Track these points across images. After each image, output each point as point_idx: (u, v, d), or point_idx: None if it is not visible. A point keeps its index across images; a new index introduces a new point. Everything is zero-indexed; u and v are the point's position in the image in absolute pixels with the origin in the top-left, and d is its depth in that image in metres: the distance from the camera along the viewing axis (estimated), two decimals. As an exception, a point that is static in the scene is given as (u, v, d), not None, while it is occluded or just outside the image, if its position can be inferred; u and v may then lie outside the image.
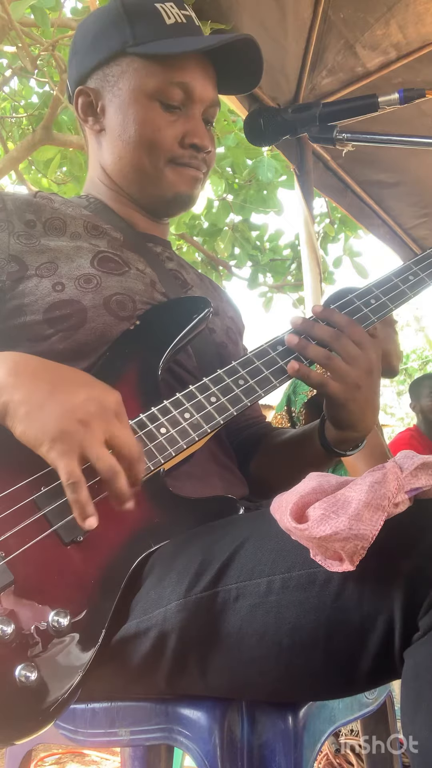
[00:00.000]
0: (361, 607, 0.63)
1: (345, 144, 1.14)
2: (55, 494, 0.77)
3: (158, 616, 0.73)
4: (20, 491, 0.76)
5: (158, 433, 0.84)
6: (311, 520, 0.62)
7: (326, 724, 0.80)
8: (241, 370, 0.91)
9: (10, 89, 4.72)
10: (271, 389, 0.92)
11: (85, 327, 0.92)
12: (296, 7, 2.38)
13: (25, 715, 0.66)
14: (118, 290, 0.96)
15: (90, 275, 0.96)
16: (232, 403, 0.88)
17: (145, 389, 0.89)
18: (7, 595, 0.70)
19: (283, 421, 2.12)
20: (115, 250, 1.02)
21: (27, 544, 0.73)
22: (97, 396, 0.75)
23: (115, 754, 2.50)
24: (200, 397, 0.87)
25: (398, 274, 1.03)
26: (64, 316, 0.92)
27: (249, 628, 0.68)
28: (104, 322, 0.93)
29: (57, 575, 0.74)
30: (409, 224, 3.77)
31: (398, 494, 0.62)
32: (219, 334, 1.11)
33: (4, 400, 0.74)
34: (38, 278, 0.94)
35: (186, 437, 0.84)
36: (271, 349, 0.93)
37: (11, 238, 0.95)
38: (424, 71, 2.69)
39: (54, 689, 0.68)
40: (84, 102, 1.08)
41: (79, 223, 1.02)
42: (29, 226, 0.98)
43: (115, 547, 0.78)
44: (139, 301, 0.97)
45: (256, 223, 5.26)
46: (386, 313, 0.99)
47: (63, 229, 1.00)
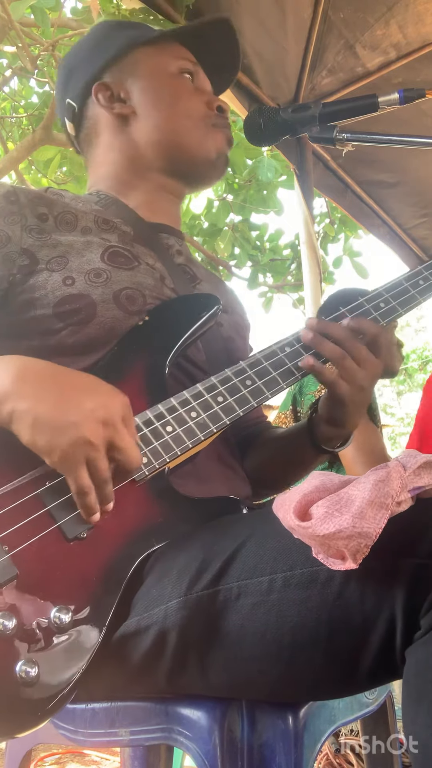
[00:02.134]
0: (363, 605, 0.63)
1: (345, 144, 1.13)
2: (59, 490, 0.77)
3: (159, 614, 0.73)
4: (25, 486, 0.76)
5: (164, 431, 0.84)
6: (314, 518, 0.62)
7: (326, 724, 0.80)
8: (249, 370, 0.91)
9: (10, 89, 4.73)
10: (278, 391, 0.92)
11: (95, 321, 0.92)
12: (296, 7, 2.39)
13: (24, 709, 0.66)
14: (128, 285, 0.96)
15: (100, 270, 0.96)
16: (239, 403, 0.88)
17: (152, 385, 0.88)
18: (9, 590, 0.70)
19: (287, 421, 2.12)
20: (125, 245, 1.02)
21: (31, 539, 0.74)
22: (103, 403, 0.76)
23: (115, 754, 2.50)
24: (207, 396, 0.87)
25: (409, 279, 1.03)
26: (73, 311, 0.92)
27: (250, 626, 0.68)
28: (113, 317, 0.93)
29: (60, 571, 0.74)
30: (409, 224, 3.77)
31: (401, 493, 0.62)
32: (227, 329, 1.11)
33: (10, 409, 0.74)
34: (49, 272, 0.94)
35: (192, 437, 0.84)
36: (280, 350, 0.93)
37: (23, 231, 0.95)
38: (424, 71, 2.69)
39: (54, 685, 0.68)
40: (105, 95, 1.12)
41: (90, 218, 1.03)
42: (41, 219, 0.98)
43: (118, 545, 0.78)
44: (149, 295, 0.98)
45: (256, 223, 5.26)
46: (395, 317, 1.00)
47: (74, 224, 1.00)
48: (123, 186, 1.12)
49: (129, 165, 1.12)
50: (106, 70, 1.13)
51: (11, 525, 0.73)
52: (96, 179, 1.16)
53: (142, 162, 1.12)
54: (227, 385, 0.89)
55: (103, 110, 1.12)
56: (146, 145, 1.11)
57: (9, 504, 0.75)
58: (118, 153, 1.13)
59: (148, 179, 1.13)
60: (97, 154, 1.16)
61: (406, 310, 1.01)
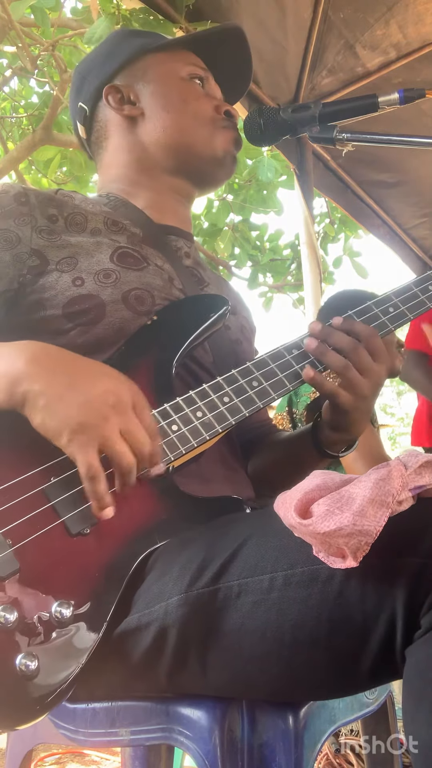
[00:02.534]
0: (364, 604, 0.63)
1: (345, 144, 1.13)
2: (64, 485, 0.77)
3: (159, 611, 0.73)
4: (30, 480, 0.76)
5: (170, 430, 0.84)
6: (315, 515, 0.62)
7: (326, 724, 0.80)
8: (255, 371, 0.90)
9: (10, 89, 4.73)
10: (284, 393, 0.91)
11: (104, 321, 0.93)
12: (296, 7, 2.39)
13: (23, 703, 0.66)
14: (136, 285, 0.97)
15: (109, 270, 0.96)
16: (245, 404, 0.88)
17: (159, 384, 0.89)
18: (11, 584, 0.70)
19: (283, 422, 2.12)
20: (134, 246, 1.03)
21: (34, 533, 0.74)
22: (115, 388, 0.76)
23: (115, 754, 2.50)
24: (213, 396, 0.87)
25: (419, 284, 1.02)
26: (83, 311, 0.93)
27: (250, 624, 0.68)
28: (122, 317, 0.94)
29: (62, 566, 0.74)
30: (409, 224, 3.77)
31: (402, 492, 0.62)
32: (234, 331, 1.12)
33: (24, 390, 0.75)
34: (58, 273, 0.94)
35: (198, 436, 0.85)
36: (287, 352, 0.93)
37: (34, 232, 0.96)
38: (424, 71, 2.69)
39: (53, 679, 0.68)
40: (115, 97, 1.14)
41: (99, 219, 1.03)
42: (51, 220, 0.99)
43: (121, 541, 0.78)
44: (158, 296, 0.98)
45: (256, 223, 5.27)
46: (404, 322, 0.99)
47: (84, 225, 1.01)
48: (132, 187, 1.13)
49: (138, 166, 1.13)
50: (117, 74, 1.15)
51: (15, 519, 0.74)
52: (106, 181, 1.17)
53: (150, 163, 1.13)
54: (234, 385, 0.89)
55: (113, 112, 1.14)
56: (154, 145, 1.12)
57: (14, 498, 0.75)
58: (127, 154, 1.14)
59: (156, 180, 1.13)
60: (107, 156, 1.17)
61: (415, 315, 1.00)
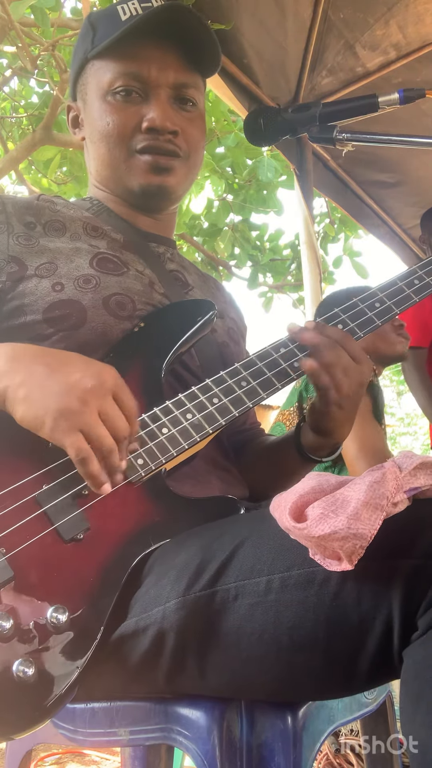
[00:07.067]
0: (360, 606, 0.63)
1: (345, 144, 1.14)
2: (56, 492, 0.77)
3: (157, 614, 0.73)
4: (22, 488, 0.77)
5: (160, 432, 0.84)
6: (310, 519, 0.62)
7: (325, 724, 0.80)
8: (243, 371, 0.91)
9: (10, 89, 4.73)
10: (273, 392, 0.92)
11: (85, 327, 0.93)
12: (296, 7, 2.38)
13: (22, 710, 0.67)
14: (117, 290, 0.97)
15: (89, 275, 0.96)
16: (234, 404, 0.88)
17: (148, 390, 0.89)
18: (6, 591, 0.71)
19: (292, 418, 2.11)
20: (114, 252, 1.03)
21: (28, 541, 0.74)
22: (93, 373, 0.77)
23: (115, 754, 2.50)
24: (202, 397, 0.88)
25: (403, 278, 1.02)
26: (63, 316, 0.93)
27: (248, 627, 0.68)
28: (104, 322, 0.94)
29: (57, 572, 0.74)
30: (409, 224, 3.77)
31: (397, 494, 0.62)
32: (221, 334, 1.11)
33: (5, 385, 0.76)
34: (38, 278, 0.94)
35: (188, 438, 0.85)
36: (274, 351, 0.93)
37: (11, 239, 0.96)
38: (424, 71, 2.69)
39: (51, 685, 0.68)
40: (71, 117, 1.14)
41: (79, 225, 1.03)
42: (29, 227, 0.99)
43: (115, 546, 0.78)
44: (138, 301, 0.98)
45: (256, 223, 5.26)
46: (391, 317, 0.99)
47: (63, 231, 1.01)
48: (107, 197, 1.12)
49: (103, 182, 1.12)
50: (74, 87, 1.12)
51: (8, 527, 0.74)
52: (90, 184, 1.17)
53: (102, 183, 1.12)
54: (222, 386, 0.89)
55: None
56: (93, 170, 1.12)
57: (6, 507, 0.75)
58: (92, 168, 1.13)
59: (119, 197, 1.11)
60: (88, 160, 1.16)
61: (401, 310, 1.00)
